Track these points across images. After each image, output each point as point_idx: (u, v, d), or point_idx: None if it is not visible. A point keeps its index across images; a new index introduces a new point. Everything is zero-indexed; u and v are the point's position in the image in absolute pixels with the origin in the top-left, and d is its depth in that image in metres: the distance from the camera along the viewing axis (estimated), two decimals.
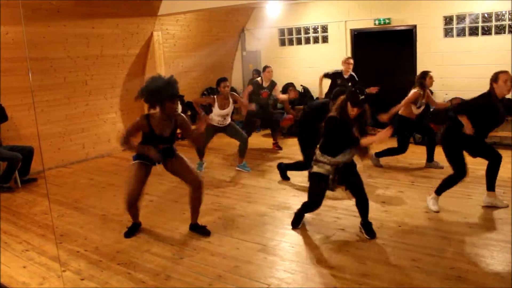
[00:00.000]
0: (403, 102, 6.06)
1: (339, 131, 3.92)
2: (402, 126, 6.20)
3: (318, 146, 4.13)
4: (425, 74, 6.05)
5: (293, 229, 4.39)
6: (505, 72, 4.33)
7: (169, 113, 4.08)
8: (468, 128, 4.35)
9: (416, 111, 6.11)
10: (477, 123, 4.40)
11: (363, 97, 3.79)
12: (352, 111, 3.87)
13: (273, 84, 7.76)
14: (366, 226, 4.15)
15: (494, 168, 4.58)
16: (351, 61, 7.68)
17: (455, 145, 4.52)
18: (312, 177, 4.14)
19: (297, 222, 4.43)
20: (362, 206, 4.15)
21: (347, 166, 4.09)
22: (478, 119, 4.39)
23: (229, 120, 6.59)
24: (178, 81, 4.10)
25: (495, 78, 4.34)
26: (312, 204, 4.22)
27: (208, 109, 6.54)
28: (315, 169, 4.08)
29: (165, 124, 4.13)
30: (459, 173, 4.52)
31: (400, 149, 6.27)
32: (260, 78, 7.79)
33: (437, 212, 4.59)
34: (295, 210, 4.48)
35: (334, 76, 7.58)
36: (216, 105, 6.35)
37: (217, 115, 6.40)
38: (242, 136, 6.56)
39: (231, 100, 6.45)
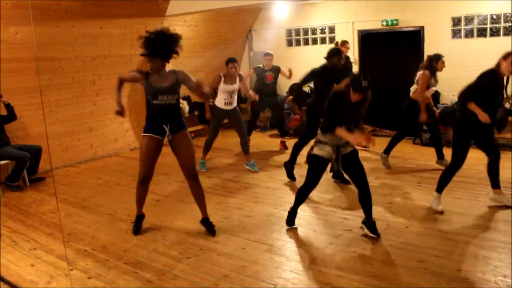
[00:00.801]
0: (419, 89, 5.98)
1: (340, 105, 3.91)
2: (412, 109, 6.17)
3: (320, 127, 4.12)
4: (438, 57, 5.96)
5: (288, 229, 4.39)
6: None
7: (155, 67, 4.09)
8: (482, 116, 4.28)
9: (428, 93, 6.04)
10: (484, 104, 4.36)
11: (365, 84, 3.77)
12: (354, 96, 3.87)
13: (276, 68, 7.86)
14: (371, 225, 4.13)
15: (494, 165, 4.58)
16: (348, 45, 7.72)
17: (466, 132, 4.47)
18: (312, 159, 4.12)
19: (292, 220, 4.43)
20: (365, 200, 4.10)
21: (350, 155, 4.08)
22: (485, 99, 4.36)
23: (235, 101, 6.61)
24: (178, 38, 4.12)
25: (505, 55, 4.36)
26: (307, 186, 4.22)
27: (213, 97, 6.55)
28: (316, 151, 4.08)
29: (162, 77, 4.12)
30: (456, 163, 4.48)
31: (403, 133, 6.29)
32: (262, 64, 7.85)
33: (441, 212, 4.58)
34: (298, 210, 4.44)
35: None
36: (222, 81, 6.42)
37: (224, 91, 6.44)
38: (241, 130, 6.56)
39: (237, 79, 6.52)
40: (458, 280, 3.30)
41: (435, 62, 5.95)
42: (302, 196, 4.36)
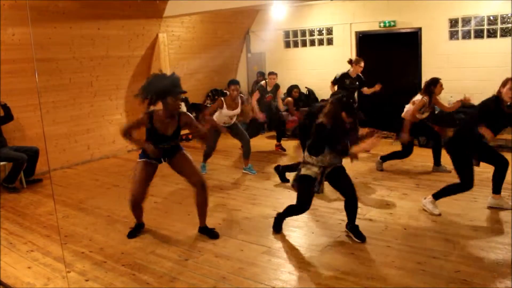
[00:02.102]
0: (410, 112, 5.93)
1: (329, 138, 3.92)
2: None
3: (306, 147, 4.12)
4: (435, 81, 5.91)
5: (275, 234, 4.34)
6: None
7: (172, 110, 4.02)
8: (489, 135, 4.30)
9: (419, 116, 6.06)
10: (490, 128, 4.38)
11: (356, 104, 3.83)
12: (348, 119, 3.90)
13: (276, 87, 7.91)
14: (355, 229, 4.14)
15: (501, 174, 4.59)
16: (362, 64, 7.30)
17: (462, 151, 4.47)
18: (300, 180, 4.12)
19: (280, 226, 4.40)
20: (351, 208, 4.12)
21: (337, 170, 4.09)
22: (487, 123, 4.37)
23: (234, 119, 6.60)
24: (180, 77, 4.07)
25: (505, 82, 4.35)
26: (300, 207, 4.18)
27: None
28: (303, 171, 4.07)
29: (168, 123, 4.08)
30: (466, 184, 4.45)
31: (405, 153, 6.23)
32: (264, 82, 7.85)
33: (439, 215, 4.58)
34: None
35: (343, 78, 7.43)
36: (224, 106, 6.34)
37: (225, 115, 6.40)
38: (245, 138, 6.57)
39: (239, 102, 6.46)
40: (456, 281, 3.30)
41: (433, 86, 5.89)
42: (291, 214, 4.33)
